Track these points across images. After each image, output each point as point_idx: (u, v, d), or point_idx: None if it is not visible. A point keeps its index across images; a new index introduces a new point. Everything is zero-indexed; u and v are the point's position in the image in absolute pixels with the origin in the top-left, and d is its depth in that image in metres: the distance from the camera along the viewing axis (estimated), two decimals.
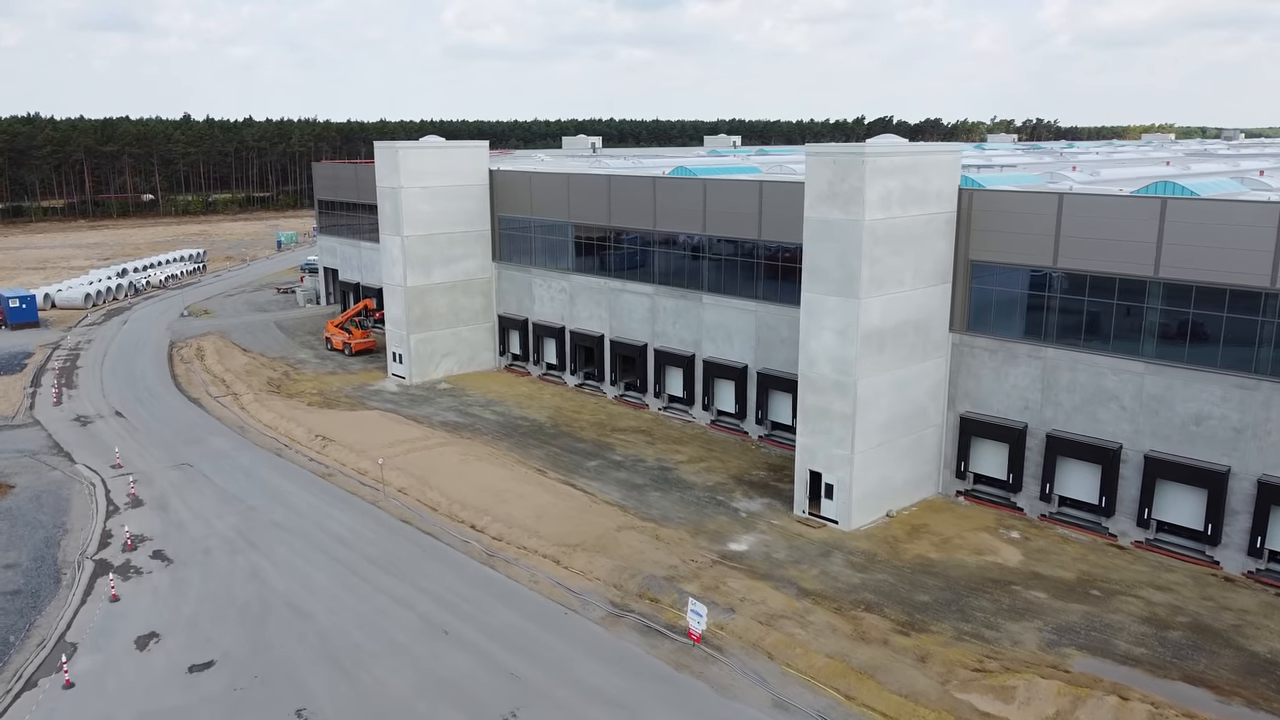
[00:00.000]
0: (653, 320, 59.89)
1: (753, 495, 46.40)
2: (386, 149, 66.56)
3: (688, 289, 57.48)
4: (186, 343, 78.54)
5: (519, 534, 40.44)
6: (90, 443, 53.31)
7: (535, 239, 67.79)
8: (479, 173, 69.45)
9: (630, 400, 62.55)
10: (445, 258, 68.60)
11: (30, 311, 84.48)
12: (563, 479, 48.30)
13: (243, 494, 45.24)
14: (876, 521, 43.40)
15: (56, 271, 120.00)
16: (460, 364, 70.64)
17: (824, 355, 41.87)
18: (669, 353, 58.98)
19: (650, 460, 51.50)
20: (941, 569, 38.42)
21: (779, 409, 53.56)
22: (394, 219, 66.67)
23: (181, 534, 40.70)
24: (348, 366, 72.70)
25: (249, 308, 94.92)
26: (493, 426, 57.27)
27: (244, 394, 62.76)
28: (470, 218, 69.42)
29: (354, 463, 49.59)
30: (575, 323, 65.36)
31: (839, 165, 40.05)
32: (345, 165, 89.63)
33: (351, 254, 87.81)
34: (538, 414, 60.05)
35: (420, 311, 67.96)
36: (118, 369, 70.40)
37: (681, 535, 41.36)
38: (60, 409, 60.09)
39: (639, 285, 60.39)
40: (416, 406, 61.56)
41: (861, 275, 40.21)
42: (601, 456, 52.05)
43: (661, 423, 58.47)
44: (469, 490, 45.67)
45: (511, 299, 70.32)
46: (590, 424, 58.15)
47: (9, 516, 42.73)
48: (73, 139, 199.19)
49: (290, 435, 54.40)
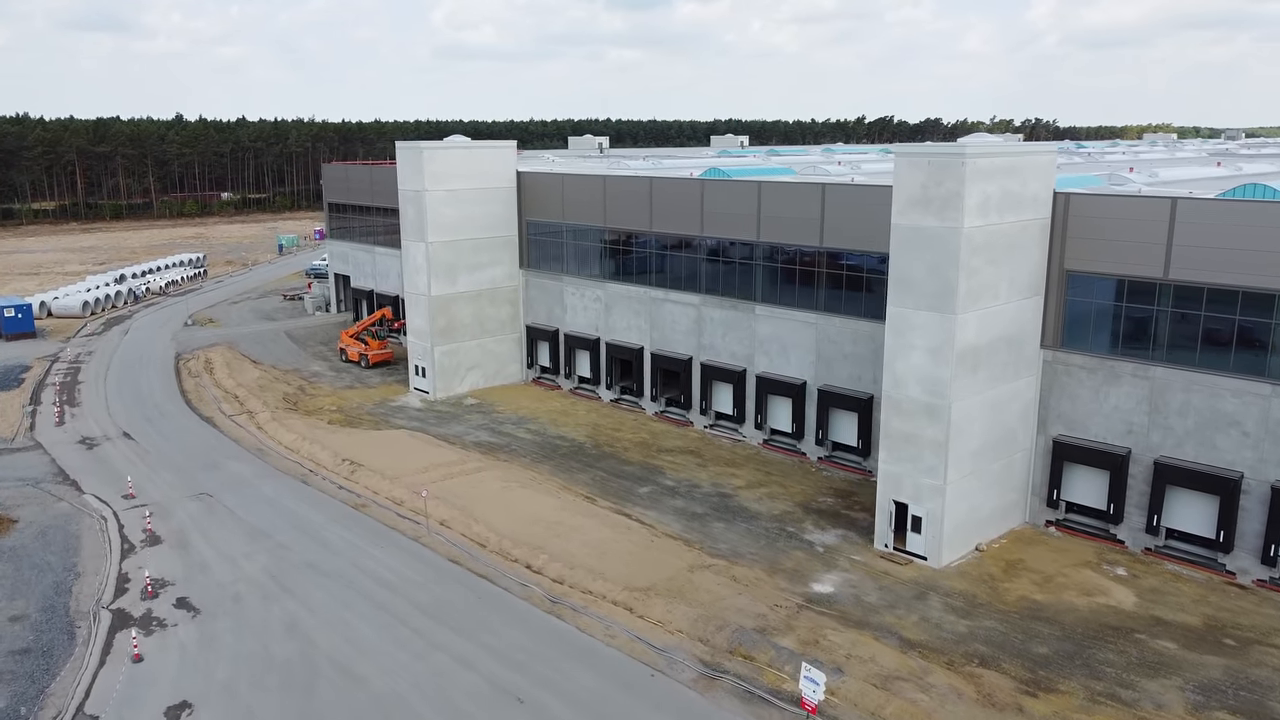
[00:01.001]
0: (699, 332, 56.05)
1: (824, 526, 42.63)
2: (410, 149, 62.57)
3: (739, 299, 53.67)
4: (193, 354, 74.33)
5: (582, 576, 36.54)
6: (98, 469, 49.16)
7: (567, 245, 63.89)
8: (506, 174, 65.53)
9: (672, 417, 58.71)
10: (471, 265, 64.65)
11: (26, 321, 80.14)
12: (615, 507, 44.46)
13: (270, 528, 41.20)
14: (966, 556, 39.69)
15: (51, 277, 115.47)
16: (486, 377, 66.70)
17: (913, 376, 38.10)
18: (717, 367, 55.16)
19: (705, 485, 47.70)
20: (1052, 613, 34.71)
21: (842, 429, 49.80)
22: (417, 224, 62.68)
23: (207, 577, 36.64)
24: (366, 380, 68.67)
25: (256, 316, 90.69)
26: (530, 447, 53.37)
27: (260, 412, 58.66)
28: (497, 222, 65.49)
29: (388, 491, 45.62)
30: (611, 334, 61.48)
31: (934, 167, 36.29)
32: (358, 166, 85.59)
33: (365, 260, 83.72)
34: (575, 433, 56.17)
35: (445, 322, 63.99)
36: (123, 384, 66.19)
37: (758, 575, 37.55)
38: (63, 430, 55.89)
39: (683, 295, 56.54)
40: (445, 425, 57.60)
41: (958, 288, 36.47)
42: (652, 481, 48.23)
43: (709, 442, 54.65)
44: (517, 522, 41.77)
45: (541, 308, 66.40)
46: (633, 444, 54.30)
47: (13, 557, 38.60)
48: (64, 139, 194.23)
49: (315, 459, 50.37)
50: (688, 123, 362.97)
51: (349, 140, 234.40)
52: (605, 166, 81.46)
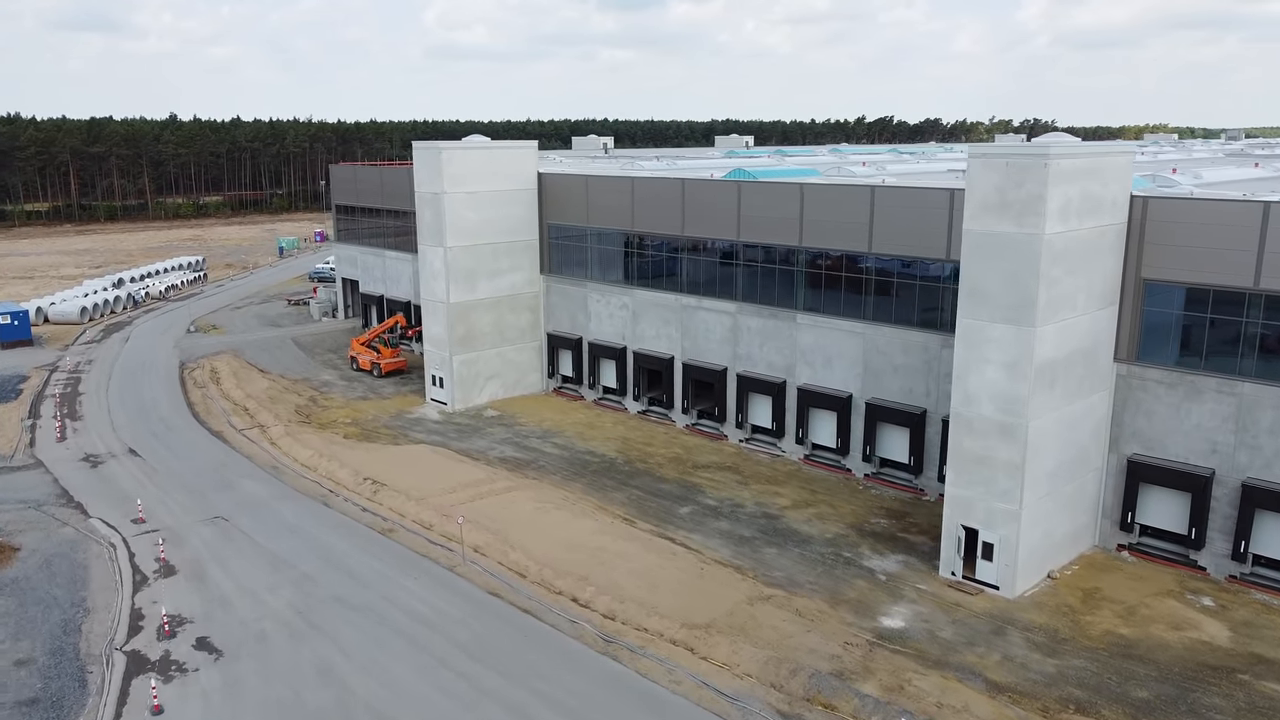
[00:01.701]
0: (735, 341, 53.39)
1: (882, 550, 40.00)
2: (428, 150, 59.78)
3: (778, 307, 51.02)
4: (198, 363, 71.38)
5: (634, 610, 33.83)
6: (104, 489, 46.26)
7: (591, 249, 61.19)
8: (527, 176, 62.78)
9: (705, 430, 56.02)
10: (491, 270, 61.90)
11: (23, 328, 77.04)
12: (657, 530, 41.77)
13: (292, 557, 38.38)
14: (1039, 585, 37.09)
15: (46, 281, 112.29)
16: (505, 388, 63.94)
17: (987, 393, 35.48)
18: (754, 378, 52.50)
19: (749, 505, 45.05)
20: (1144, 650, 32.14)
21: (891, 445, 47.19)
22: (435, 228, 59.90)
23: (228, 614, 33.81)
24: (379, 390, 65.84)
25: (260, 322, 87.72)
26: (558, 464, 50.64)
27: (272, 425, 55.79)
28: (518, 226, 62.74)
29: (414, 513, 42.85)
30: (639, 343, 58.78)
31: (1013, 169, 33.66)
32: (367, 167, 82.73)
33: (374, 264, 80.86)
34: (604, 447, 53.46)
35: (463, 330, 61.22)
36: (125, 395, 63.23)
37: (821, 607, 34.91)
38: (65, 446, 52.92)
39: (718, 302, 53.87)
40: (466, 439, 54.83)
41: (1038, 299, 33.87)
42: (692, 500, 45.56)
43: (746, 457, 52.00)
44: (556, 548, 39.04)
45: (563, 315, 63.67)
46: (667, 459, 51.62)
47: (16, 591, 35.71)
48: (58, 140, 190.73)
49: (334, 478, 47.56)
50: (685, 123, 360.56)
51: (347, 141, 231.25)
52: (618, 167, 78.76)
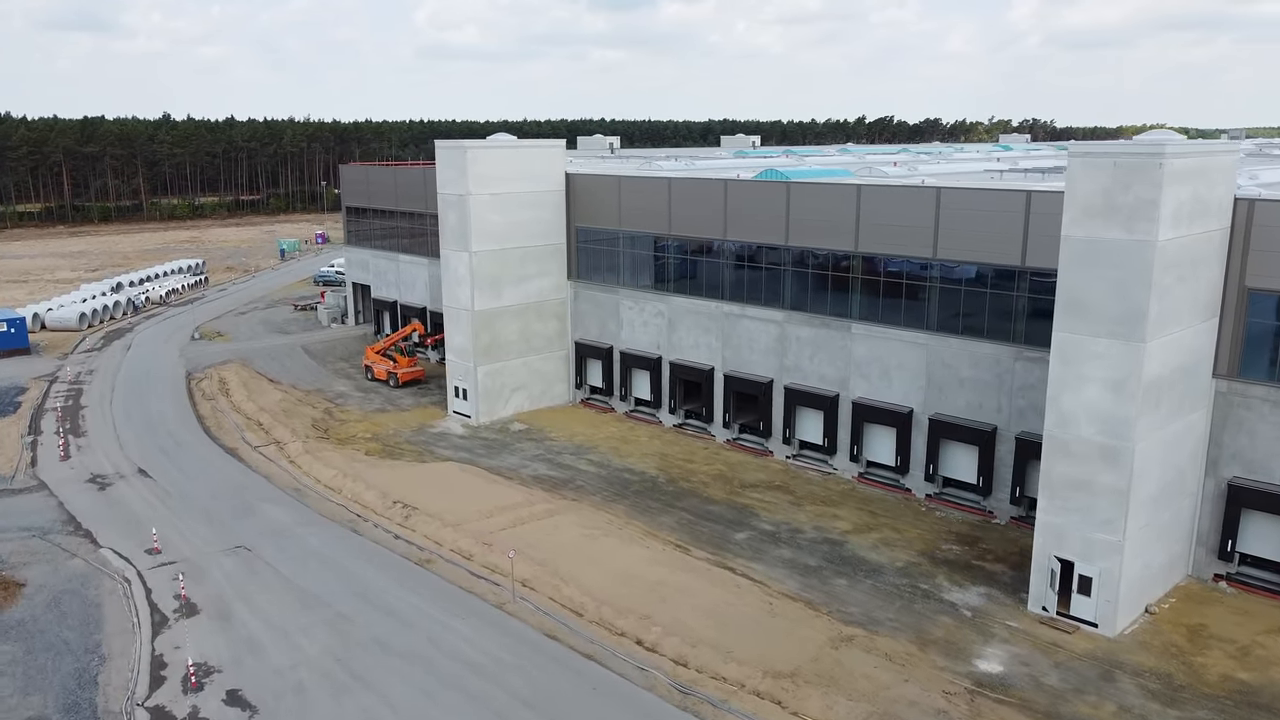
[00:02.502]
0: (782, 352, 50.35)
1: (961, 581, 37.00)
2: (452, 149, 56.59)
3: (831, 316, 48.01)
4: (205, 373, 68.01)
5: (708, 656, 30.73)
6: (114, 515, 42.90)
7: (623, 254, 58.08)
8: (555, 177, 59.65)
9: (748, 446, 52.96)
10: (517, 276, 58.73)
11: (20, 336, 73.52)
12: (714, 559, 38.71)
13: (325, 593, 35.15)
14: (1139, 621, 34.14)
15: (41, 285, 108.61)
16: (531, 399, 60.79)
17: (1087, 413, 32.48)
18: (803, 391, 49.47)
19: (808, 529, 42.02)
20: (1269, 698, 29.23)
21: (957, 464, 44.22)
22: (460, 231, 56.72)
23: (259, 661, 30.60)
24: (397, 401, 62.61)
25: (267, 328, 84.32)
26: (597, 483, 47.55)
27: (289, 442, 52.52)
28: (545, 229, 59.60)
29: (452, 541, 39.68)
30: (676, 353, 55.69)
31: (1121, 170, 30.68)
32: (380, 168, 79.46)
33: (387, 268, 77.58)
34: (643, 464, 50.38)
35: (488, 339, 58.06)
36: (131, 408, 59.82)
37: (908, 649, 31.89)
38: (69, 465, 49.52)
39: (764, 310, 50.82)
40: (496, 455, 51.67)
41: (1149, 311, 30.91)
42: (746, 524, 42.51)
43: (795, 475, 48.97)
44: (611, 581, 35.93)
45: (592, 323, 60.55)
46: (711, 477, 48.57)
47: (23, 634, 32.41)
48: (50, 139, 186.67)
49: (360, 500, 44.34)
50: (682, 123, 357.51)
51: (345, 140, 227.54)
52: (635, 167, 75.43)
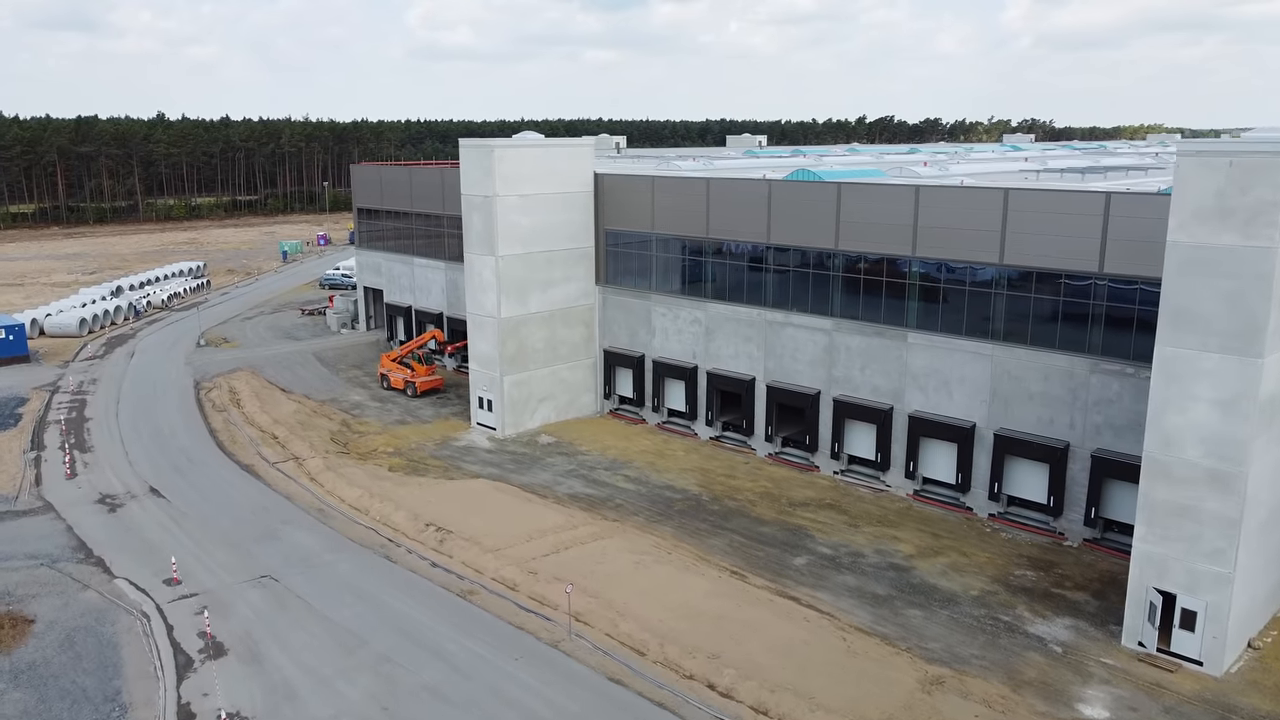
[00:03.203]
0: (830, 362, 47.74)
1: (1043, 612, 34.43)
2: (477, 148, 53.84)
3: (885, 324, 45.42)
4: (214, 382, 65.09)
5: (790, 703, 28.06)
6: (127, 540, 40.00)
7: (656, 258, 55.40)
8: (583, 177, 56.94)
9: (792, 460, 50.34)
10: (544, 281, 56.02)
11: (19, 343, 70.46)
12: (775, 587, 36.08)
13: (363, 631, 32.36)
14: (1244, 658, 31.63)
15: (38, 289, 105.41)
16: (558, 410, 58.07)
17: (1194, 434, 29.92)
18: (853, 404, 46.88)
19: (868, 553, 39.42)
20: None
21: (1025, 482, 41.67)
22: (485, 235, 53.98)
23: (298, 712, 27.78)
24: (416, 412, 59.81)
25: (275, 334, 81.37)
26: (638, 501, 44.90)
27: (308, 457, 49.70)
28: (573, 232, 56.90)
29: (493, 568, 36.93)
30: (713, 362, 53.04)
31: (1239, 170, 28.11)
32: (394, 168, 76.66)
33: (402, 272, 74.75)
34: (683, 480, 47.74)
35: (515, 348, 55.34)
36: (139, 421, 56.86)
37: (1000, 691, 29.31)
38: (76, 484, 46.57)
39: (810, 318, 48.21)
40: (526, 471, 48.96)
41: (1267, 324, 28.38)
42: (802, 547, 39.90)
43: (845, 492, 46.38)
44: (671, 616, 33.26)
45: (621, 330, 57.86)
46: (756, 495, 45.96)
47: (34, 680, 29.53)
48: (44, 139, 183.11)
49: (389, 522, 41.57)
50: (680, 123, 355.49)
51: (343, 140, 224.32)
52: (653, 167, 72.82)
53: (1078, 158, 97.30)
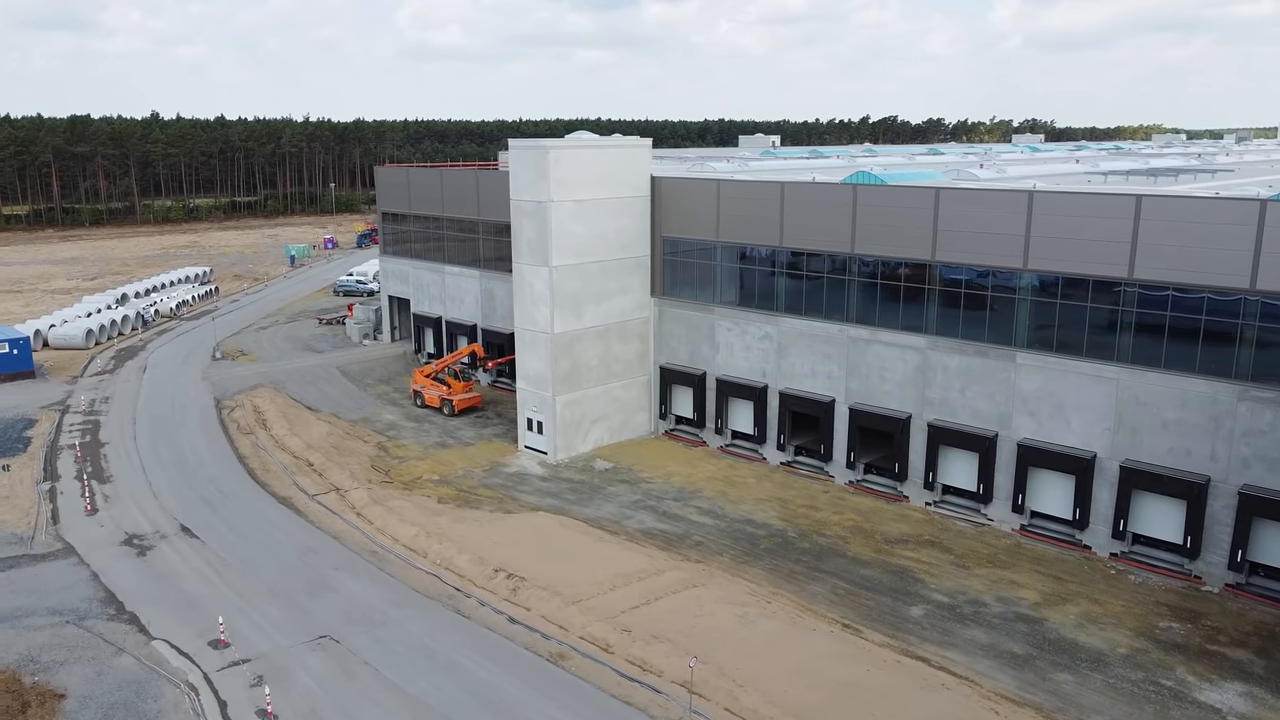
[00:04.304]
0: (923, 383, 43.71)
1: (1208, 675, 30.47)
2: (530, 150, 49.64)
3: (989, 343, 41.42)
4: (236, 400, 60.67)
5: None
6: (162, 591, 35.62)
7: (721, 268, 51.30)
8: (640, 181, 52.79)
9: (876, 489, 46.31)
10: (598, 293, 51.87)
11: (24, 358, 65.90)
12: (897, 644, 32.03)
13: (445, 706, 28.10)
14: None
15: (38, 296, 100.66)
16: (611, 431, 53.91)
17: None
18: (951, 429, 42.86)
19: (989, 600, 35.41)
20: None
21: (1155, 519, 37.72)
22: (538, 243, 49.77)
23: None
24: (456, 434, 55.56)
25: (293, 345, 76.93)
26: (718, 538, 40.80)
27: (350, 488, 45.43)
28: (628, 240, 52.74)
29: (580, 625, 32.76)
30: (786, 381, 48.96)
31: None
32: (423, 170, 72.35)
33: (431, 281, 70.44)
34: (760, 512, 43.69)
35: (568, 365, 51.18)
36: (159, 445, 52.41)
37: None
38: (98, 522, 42.13)
39: (901, 335, 44.18)
40: (589, 502, 44.83)
41: None
42: (914, 594, 35.86)
43: (942, 526, 42.38)
44: (793, 685, 29.16)
45: (680, 346, 53.72)
46: (846, 529, 41.92)
47: None
48: (39, 139, 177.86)
49: (453, 567, 37.32)
50: (679, 123, 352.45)
51: (345, 140, 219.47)
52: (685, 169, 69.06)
53: (1127, 159, 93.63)
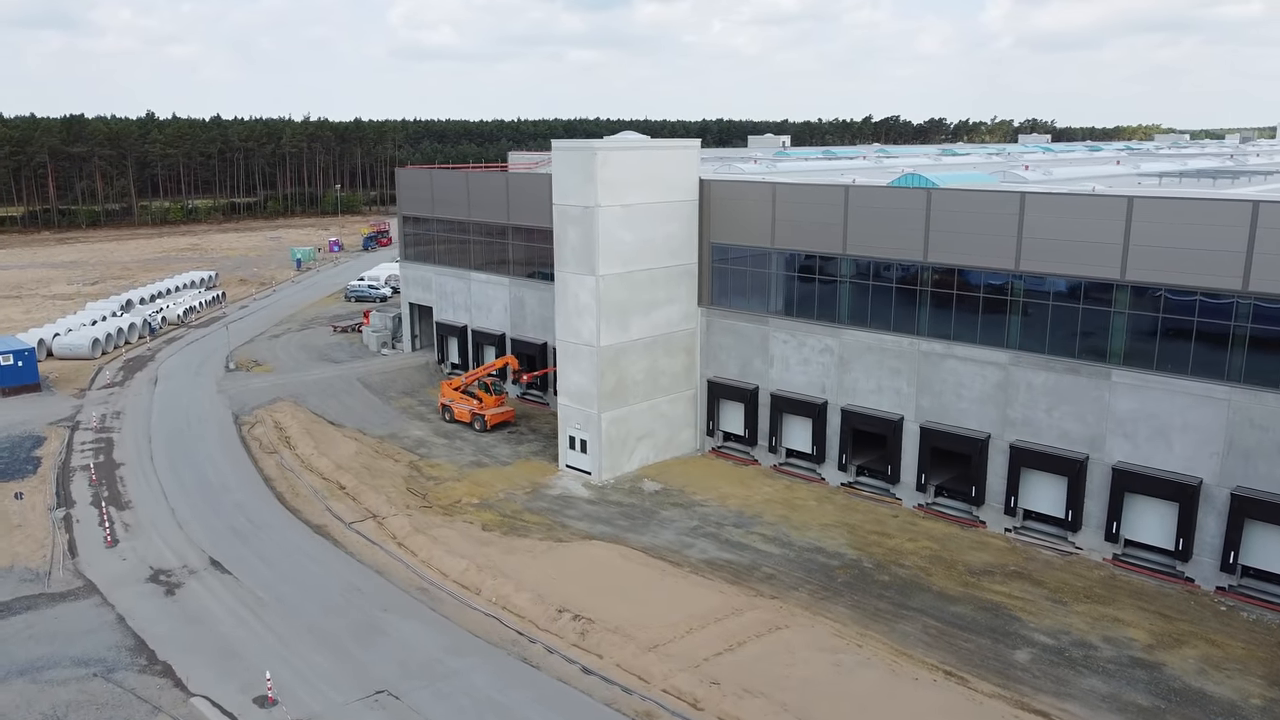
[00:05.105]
0: (1005, 402, 40.82)
1: None
2: (577, 151, 46.65)
3: (1081, 359, 38.55)
4: (255, 415, 57.51)
5: None
6: (196, 636, 32.45)
7: (776, 276, 48.38)
8: (688, 184, 49.87)
9: (948, 513, 43.44)
10: (645, 303, 48.92)
11: (29, 370, 62.60)
12: (1010, 695, 29.13)
13: None
14: None
15: (38, 302, 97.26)
16: (657, 449, 50.96)
17: None
18: (1036, 451, 39.98)
19: (1096, 642, 32.52)
20: None
21: (1270, 553, 34.87)
22: (584, 251, 46.77)
23: None
24: (490, 451, 52.52)
25: (309, 355, 73.73)
26: (790, 570, 37.86)
27: (389, 515, 42.36)
28: (675, 247, 49.80)
29: (660, 676, 29.75)
30: (849, 397, 46.04)
31: None
32: (448, 172, 69.24)
33: (456, 288, 67.33)
34: (829, 539, 40.79)
35: (615, 380, 48.20)
36: (179, 466, 49.21)
37: None
38: (119, 555, 38.93)
39: (979, 350, 41.29)
40: (643, 529, 41.85)
41: None
42: (1015, 635, 32.97)
43: (1026, 554, 39.50)
44: None
45: (729, 359, 50.76)
46: (925, 559, 39.03)
47: None
48: (34, 139, 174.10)
49: (512, 607, 34.25)
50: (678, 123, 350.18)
51: (346, 140, 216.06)
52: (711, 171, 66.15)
53: (1164, 160, 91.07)
